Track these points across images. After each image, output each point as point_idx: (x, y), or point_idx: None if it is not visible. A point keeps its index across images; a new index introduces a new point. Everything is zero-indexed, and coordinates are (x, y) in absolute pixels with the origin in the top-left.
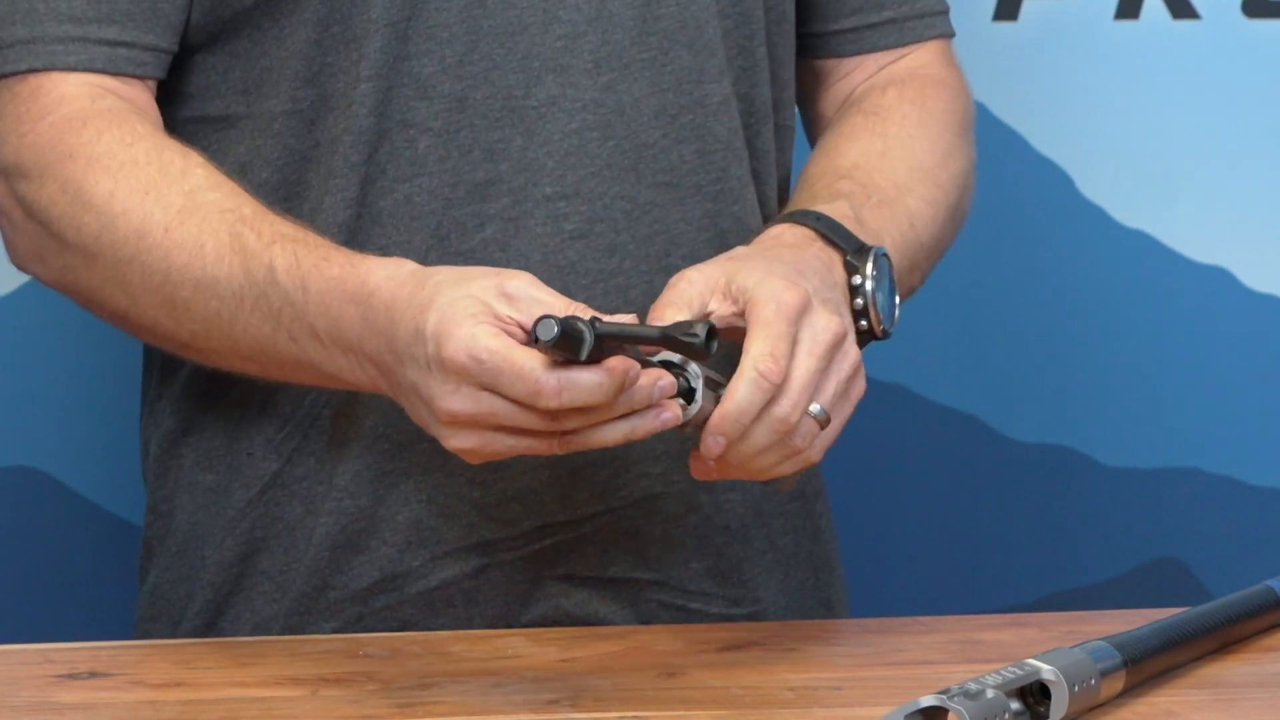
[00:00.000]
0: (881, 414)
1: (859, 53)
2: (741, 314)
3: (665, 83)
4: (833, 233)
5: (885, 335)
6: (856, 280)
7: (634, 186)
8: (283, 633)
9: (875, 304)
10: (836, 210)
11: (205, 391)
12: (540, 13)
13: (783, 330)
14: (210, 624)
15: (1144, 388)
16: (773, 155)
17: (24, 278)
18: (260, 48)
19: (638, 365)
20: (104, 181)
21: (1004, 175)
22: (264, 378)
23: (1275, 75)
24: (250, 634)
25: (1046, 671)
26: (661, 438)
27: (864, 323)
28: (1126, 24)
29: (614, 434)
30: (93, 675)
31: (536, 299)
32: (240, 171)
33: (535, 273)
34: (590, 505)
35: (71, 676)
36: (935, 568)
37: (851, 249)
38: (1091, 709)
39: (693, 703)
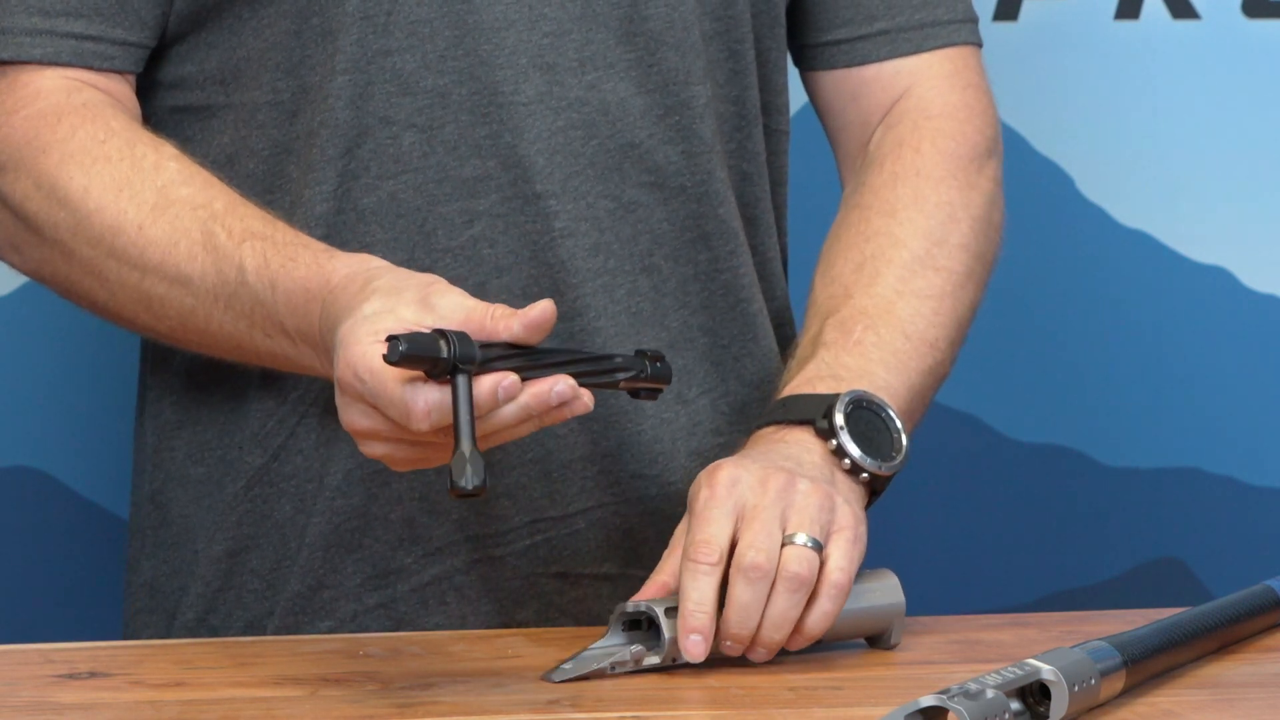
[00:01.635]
0: None
1: (852, 64)
2: None
3: (651, 83)
4: (798, 413)
5: (894, 470)
6: (832, 445)
7: (619, 185)
8: (277, 631)
9: (857, 453)
10: (808, 374)
11: (198, 384)
12: (526, 10)
13: (713, 514)
14: (201, 620)
15: (1144, 388)
16: (763, 156)
17: (24, 278)
18: (239, 38)
19: (513, 377)
20: (78, 177)
21: (1004, 175)
22: (243, 363)
23: (1275, 75)
24: (242, 632)
25: (1046, 671)
26: (658, 437)
27: (864, 475)
28: (1126, 24)
29: (518, 431)
30: (93, 675)
31: (463, 305)
32: (227, 162)
33: (523, 270)
34: (581, 501)
35: (71, 676)
36: (935, 568)
37: (816, 417)
38: (1091, 709)
39: (693, 703)
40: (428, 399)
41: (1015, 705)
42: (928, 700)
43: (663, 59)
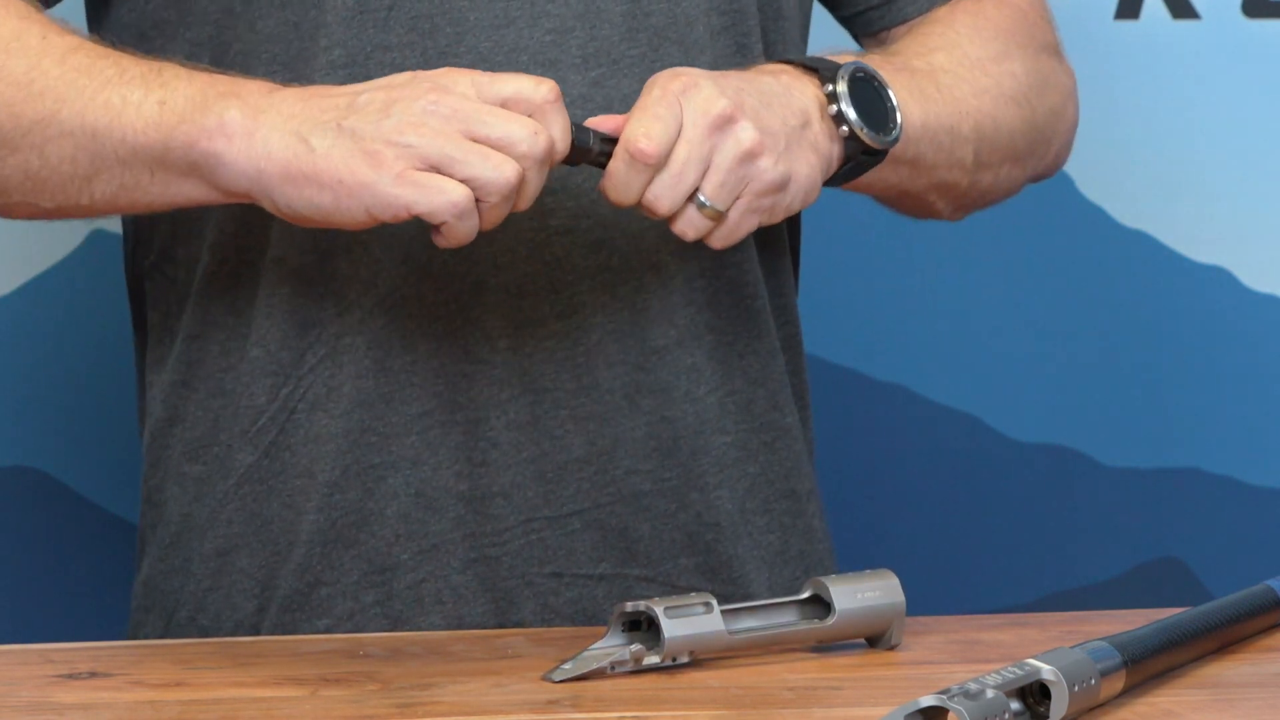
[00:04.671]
0: (881, 414)
1: (919, 11)
2: None
3: None
4: (806, 61)
5: (885, 145)
6: (829, 89)
7: None
8: (273, 630)
9: (850, 111)
10: (837, 57)
11: (187, 380)
12: (529, 6)
13: (660, 112)
14: (191, 619)
15: (1144, 388)
16: None
17: (24, 278)
18: (232, 31)
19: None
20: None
21: None
22: (85, 205)
23: (1275, 75)
24: (232, 632)
25: (1046, 671)
26: (653, 434)
27: (844, 129)
28: (1126, 24)
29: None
30: (93, 675)
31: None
32: None
33: (521, 268)
34: (577, 502)
35: (71, 676)
36: (935, 568)
37: (823, 67)
38: (1091, 709)
39: (693, 703)
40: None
41: (1015, 705)
42: (928, 700)
43: (667, 55)
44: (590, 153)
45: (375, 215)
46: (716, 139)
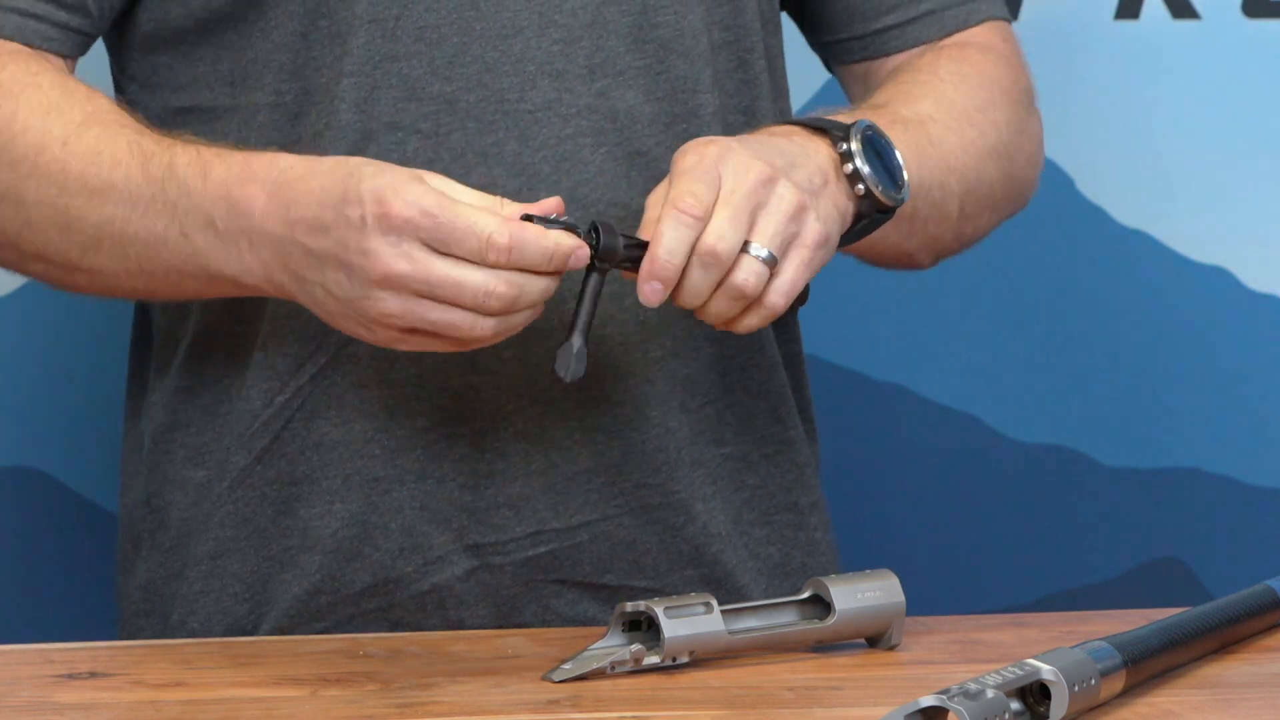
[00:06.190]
0: (881, 414)
1: (902, 49)
2: None
3: (660, 91)
4: (815, 122)
5: (894, 202)
6: (842, 148)
7: (627, 193)
8: (270, 635)
9: (866, 169)
10: (835, 115)
11: (191, 386)
12: (536, 16)
13: (700, 174)
14: (182, 623)
15: (1144, 388)
16: None
17: (24, 278)
18: (246, 39)
19: (586, 248)
20: (5, 104)
21: None
22: (150, 297)
23: (1275, 75)
24: (224, 636)
25: (1046, 671)
26: (662, 446)
27: (860, 187)
28: (1126, 24)
29: (528, 314)
30: (93, 675)
31: (468, 187)
32: None
33: None
34: (585, 513)
35: (71, 676)
36: (935, 568)
37: (833, 127)
38: (1091, 709)
39: (693, 703)
40: (514, 232)
41: (1015, 705)
42: (928, 700)
43: (671, 67)
44: (616, 255)
45: None
46: (761, 196)
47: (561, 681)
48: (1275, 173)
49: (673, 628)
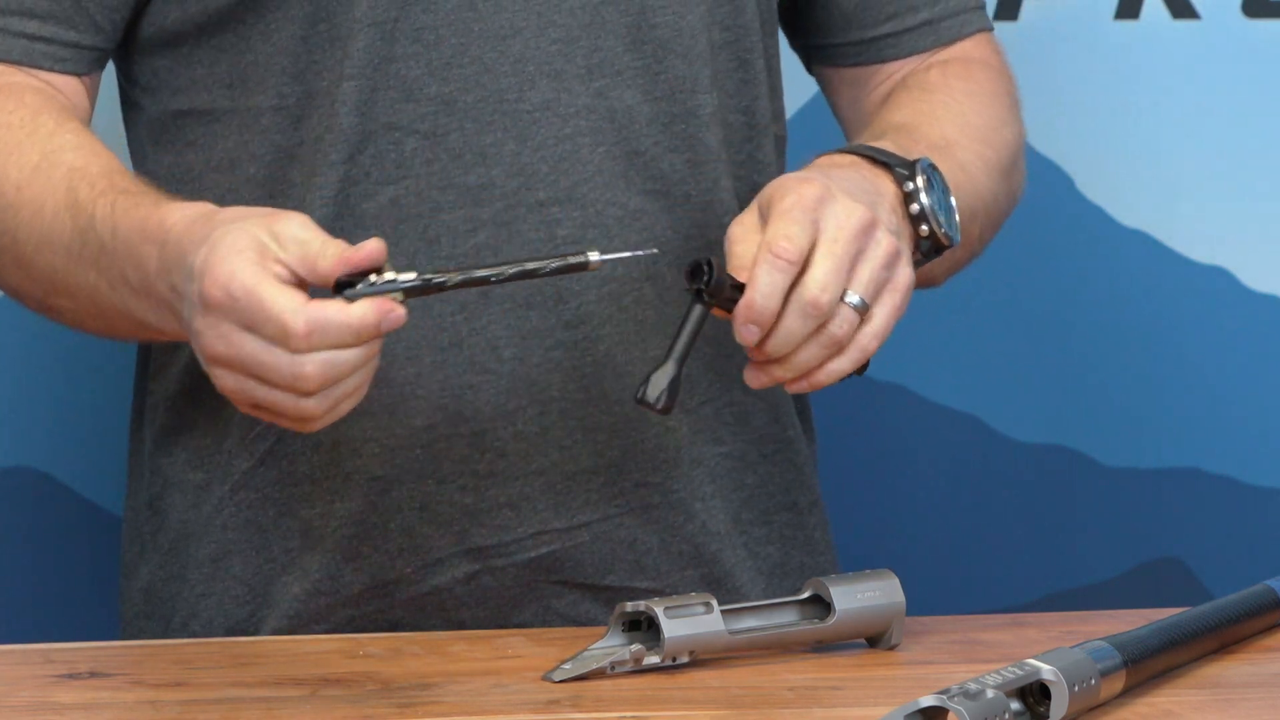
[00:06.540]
0: (881, 414)
1: (898, 57)
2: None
3: (658, 91)
4: (878, 155)
5: (951, 242)
6: (909, 187)
7: (625, 193)
8: (271, 636)
9: (931, 208)
10: (881, 145)
11: (194, 389)
12: (534, 17)
13: (798, 216)
14: (184, 625)
15: (1144, 388)
16: (774, 167)
17: None
18: (246, 42)
19: (399, 308)
20: None
21: None
22: (111, 336)
23: (1275, 75)
24: (224, 636)
25: (1046, 671)
26: (662, 445)
27: (925, 227)
28: (1126, 24)
29: (354, 382)
30: (93, 675)
31: (300, 239)
32: (229, 166)
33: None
34: (586, 514)
35: (71, 676)
36: (935, 568)
37: (897, 164)
38: (1091, 709)
39: (693, 703)
40: (311, 318)
41: (1015, 705)
42: (928, 700)
43: (670, 67)
44: (723, 293)
45: None
46: (862, 243)
47: (561, 681)
48: (1275, 173)
49: (673, 628)
